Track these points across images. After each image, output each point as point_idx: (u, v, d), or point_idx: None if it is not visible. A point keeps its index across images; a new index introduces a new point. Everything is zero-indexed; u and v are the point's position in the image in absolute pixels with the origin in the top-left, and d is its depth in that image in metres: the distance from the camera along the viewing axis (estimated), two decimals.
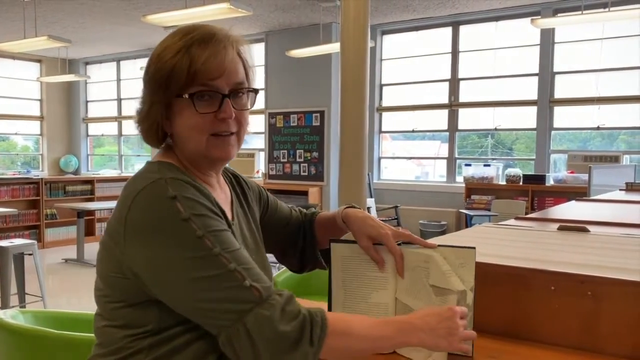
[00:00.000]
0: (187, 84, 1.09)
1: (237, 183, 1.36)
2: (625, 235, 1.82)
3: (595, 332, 1.21)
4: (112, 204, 8.44)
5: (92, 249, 8.40)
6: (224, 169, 1.34)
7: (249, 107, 1.19)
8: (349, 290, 1.24)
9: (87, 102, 12.58)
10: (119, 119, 12.03)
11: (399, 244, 1.24)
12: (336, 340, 1.02)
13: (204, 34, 1.11)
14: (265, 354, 0.99)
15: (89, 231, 9.29)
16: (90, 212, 9.14)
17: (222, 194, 1.25)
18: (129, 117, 11.86)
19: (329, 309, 1.23)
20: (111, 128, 12.27)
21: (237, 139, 1.18)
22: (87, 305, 5.79)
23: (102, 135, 12.60)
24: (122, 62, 11.95)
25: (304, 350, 1.00)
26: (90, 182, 9.88)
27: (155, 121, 1.13)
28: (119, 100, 12.00)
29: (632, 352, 1.17)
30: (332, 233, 1.40)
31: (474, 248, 1.17)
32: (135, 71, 11.24)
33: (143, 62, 11.00)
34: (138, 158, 11.90)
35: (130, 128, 11.97)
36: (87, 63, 12.38)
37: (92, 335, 1.19)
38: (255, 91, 1.19)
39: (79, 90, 12.35)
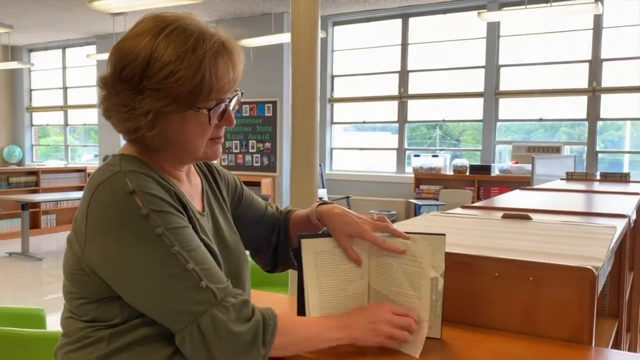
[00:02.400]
0: (207, 99, 1.07)
1: (209, 173, 1.33)
2: (565, 222, 1.90)
3: (536, 317, 1.26)
4: (58, 195, 8.23)
5: (37, 242, 8.17)
6: None
7: (237, 109, 1.19)
8: (325, 286, 1.20)
9: (31, 90, 12.19)
10: (64, 108, 11.69)
11: None
12: (280, 340, 1.05)
13: (220, 45, 1.08)
14: (219, 354, 1.00)
15: (34, 224, 9.02)
16: (35, 205, 8.88)
17: (191, 186, 1.23)
18: (75, 107, 11.55)
19: (301, 308, 1.19)
20: (57, 117, 11.92)
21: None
22: (32, 300, 5.64)
23: (48, 125, 12.24)
24: (67, 50, 11.61)
25: (256, 353, 1.01)
26: (35, 173, 9.59)
27: (162, 129, 1.07)
28: (65, 88, 11.66)
29: (569, 334, 1.22)
30: (306, 231, 1.34)
31: (444, 235, 1.20)
32: (82, 59, 10.93)
33: (90, 49, 10.74)
34: (85, 148, 11.61)
35: (77, 118, 11.70)
36: (31, 50, 11.98)
37: (40, 330, 1.18)
38: (242, 93, 1.19)
39: (22, 78, 11.96)
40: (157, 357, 1.05)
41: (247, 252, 1.45)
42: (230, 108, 1.15)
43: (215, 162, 1.37)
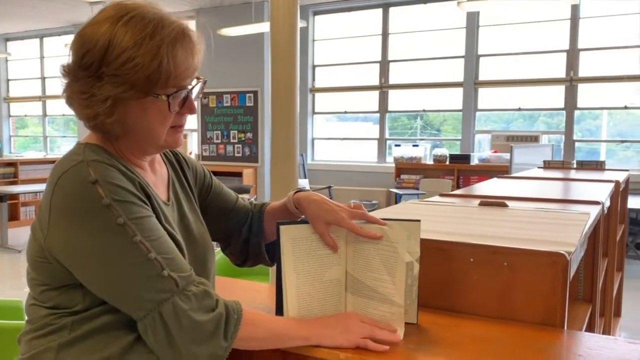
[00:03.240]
0: (165, 85, 1.08)
1: (177, 162, 1.34)
2: (540, 209, 1.93)
3: (510, 301, 1.28)
4: (37, 187, 8.14)
5: (16, 234, 8.08)
6: None
7: (200, 97, 1.20)
8: (302, 272, 1.22)
9: (8, 80, 12.01)
10: (43, 98, 11.54)
11: None
12: (244, 332, 1.07)
13: (178, 31, 1.09)
14: (180, 343, 1.01)
15: (13, 216, 8.92)
16: (14, 196, 8.77)
17: (156, 176, 1.23)
18: (54, 97, 11.41)
19: (280, 294, 1.21)
20: (35, 108, 11.77)
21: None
22: (11, 292, 5.60)
23: (26, 115, 12.07)
24: (45, 39, 11.45)
25: (217, 343, 1.04)
26: (13, 164, 9.47)
27: (121, 116, 1.08)
28: (43, 78, 11.51)
29: (542, 318, 1.25)
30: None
31: (420, 221, 1.22)
32: (60, 48, 10.79)
33: (68, 39, 10.60)
34: (64, 139, 11.48)
35: (56, 108, 11.55)
36: (7, 39, 11.80)
37: (19, 322, 1.19)
38: (205, 82, 1.19)
39: None
40: (120, 344, 1.06)
41: (218, 246, 1.47)
42: (193, 96, 1.16)
43: (183, 151, 1.38)
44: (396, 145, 8.60)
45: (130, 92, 1.05)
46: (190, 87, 1.14)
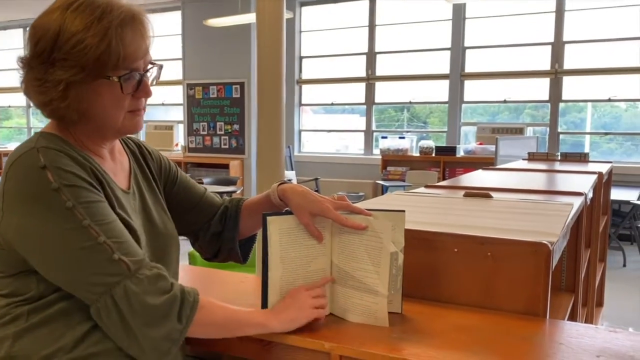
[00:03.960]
0: (116, 67, 1.09)
1: (140, 153, 1.35)
2: (524, 200, 1.95)
3: (493, 291, 1.30)
4: None
5: None
6: (129, 138, 1.34)
7: (155, 82, 1.20)
8: (287, 262, 1.23)
9: None
10: None
11: None
12: (200, 316, 1.08)
13: (127, 14, 1.11)
14: (134, 326, 1.02)
15: None
16: None
17: (116, 164, 1.24)
18: None
19: (265, 285, 1.21)
20: (19, 99, 11.64)
21: (144, 111, 1.20)
22: None
23: (9, 106, 11.94)
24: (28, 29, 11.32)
25: (172, 326, 1.05)
26: None
27: (75, 100, 1.10)
28: None
29: (525, 307, 1.27)
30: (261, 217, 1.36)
31: (404, 211, 1.23)
32: None
33: None
34: None
35: None
36: None
37: None
38: (161, 67, 1.20)
39: None
40: (77, 331, 1.07)
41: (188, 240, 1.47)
42: (150, 80, 1.17)
43: (146, 143, 1.39)
44: (383, 137, 8.62)
45: (81, 74, 1.07)
46: (144, 70, 1.15)
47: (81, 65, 1.07)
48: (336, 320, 1.25)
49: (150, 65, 1.17)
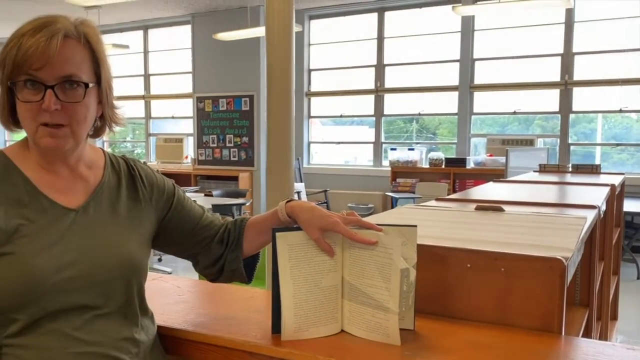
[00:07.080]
0: (14, 72, 1.10)
1: (130, 175, 1.29)
2: (537, 213, 1.93)
3: (507, 307, 1.28)
4: None
5: None
6: (123, 158, 1.31)
7: (80, 100, 1.13)
8: (298, 278, 1.21)
9: None
10: None
11: None
12: None
13: (40, 23, 1.11)
14: None
15: None
16: None
17: (71, 180, 1.20)
18: None
19: (276, 301, 1.19)
20: None
21: (71, 131, 1.13)
22: None
23: None
24: None
25: None
26: None
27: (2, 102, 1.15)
28: None
29: (540, 324, 1.24)
30: (267, 234, 1.32)
31: (416, 226, 1.21)
32: None
33: None
34: None
35: None
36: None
37: None
38: (87, 85, 1.14)
39: None
40: None
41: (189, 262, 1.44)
42: (65, 96, 1.11)
43: (146, 167, 1.34)
44: (392, 149, 8.61)
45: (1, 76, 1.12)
46: (51, 82, 1.10)
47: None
48: (347, 337, 1.23)
49: (69, 80, 1.11)
